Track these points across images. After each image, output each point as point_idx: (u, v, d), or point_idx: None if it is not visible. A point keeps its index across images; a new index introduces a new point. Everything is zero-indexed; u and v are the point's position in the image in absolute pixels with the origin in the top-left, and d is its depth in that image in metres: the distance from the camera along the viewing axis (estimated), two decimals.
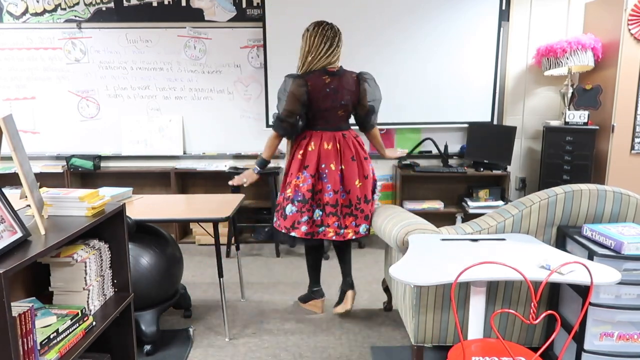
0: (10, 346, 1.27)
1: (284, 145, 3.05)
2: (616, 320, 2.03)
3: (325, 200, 2.78)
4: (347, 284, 2.99)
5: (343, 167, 2.79)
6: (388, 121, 4.43)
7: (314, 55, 2.72)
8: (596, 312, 2.02)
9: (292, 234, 2.81)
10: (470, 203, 4.27)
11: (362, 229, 2.82)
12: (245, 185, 2.89)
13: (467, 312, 2.29)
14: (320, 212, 2.81)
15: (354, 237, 2.84)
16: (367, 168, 2.86)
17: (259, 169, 2.87)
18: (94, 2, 4.33)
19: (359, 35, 4.28)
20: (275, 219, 2.94)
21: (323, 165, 2.78)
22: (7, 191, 4.14)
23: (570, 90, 4.12)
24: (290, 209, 2.80)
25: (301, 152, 2.80)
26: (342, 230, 2.81)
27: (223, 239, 4.28)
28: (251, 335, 2.81)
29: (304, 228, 2.77)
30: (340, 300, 3.00)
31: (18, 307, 1.40)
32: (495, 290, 2.31)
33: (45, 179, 4.45)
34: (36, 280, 1.86)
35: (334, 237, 2.81)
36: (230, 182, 2.96)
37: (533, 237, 2.21)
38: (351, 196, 2.81)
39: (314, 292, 3.07)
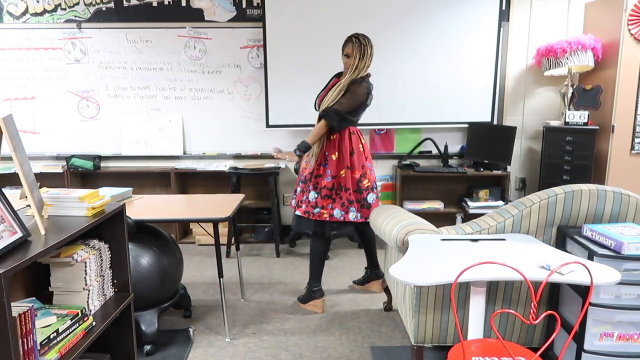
0: (10, 346, 1.27)
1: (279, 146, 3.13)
2: (616, 321, 2.03)
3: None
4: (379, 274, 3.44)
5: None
6: (388, 121, 4.43)
7: (368, 63, 3.00)
8: (596, 312, 2.02)
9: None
10: (470, 203, 4.27)
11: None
12: (284, 161, 3.32)
13: (467, 312, 2.29)
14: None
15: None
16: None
17: (300, 152, 2.99)
18: (94, 2, 4.33)
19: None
20: (343, 213, 3.05)
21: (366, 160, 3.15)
22: (7, 191, 4.14)
23: (570, 91, 4.12)
24: (371, 197, 3.10)
25: (360, 145, 3.09)
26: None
27: (223, 239, 4.28)
28: (251, 335, 2.81)
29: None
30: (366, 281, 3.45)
31: (18, 307, 1.40)
32: (495, 291, 2.31)
33: (45, 179, 4.45)
34: (36, 281, 1.86)
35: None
36: (272, 153, 3.40)
37: (533, 237, 2.21)
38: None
39: (314, 291, 3.08)
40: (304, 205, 3.06)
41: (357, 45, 2.93)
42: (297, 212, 3.10)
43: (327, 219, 3.04)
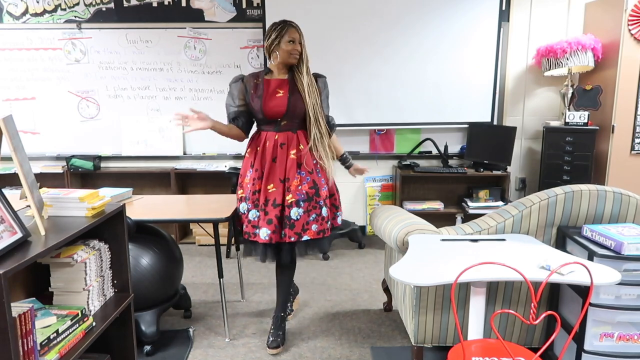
0: (10, 347, 1.27)
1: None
2: (616, 321, 2.03)
3: None
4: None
5: None
6: (388, 121, 4.43)
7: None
8: (596, 312, 2.02)
9: None
10: (470, 203, 4.27)
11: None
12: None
13: (467, 313, 2.29)
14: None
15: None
16: None
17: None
18: (94, 3, 4.33)
19: (359, 36, 4.28)
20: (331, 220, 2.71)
21: None
22: (7, 191, 4.16)
23: (570, 91, 4.12)
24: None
25: None
26: None
27: (223, 240, 4.28)
28: (251, 335, 2.81)
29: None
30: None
31: (18, 307, 1.40)
32: (495, 291, 2.31)
33: (45, 180, 4.45)
34: (36, 281, 1.86)
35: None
36: (361, 168, 2.83)
37: (533, 238, 2.21)
38: None
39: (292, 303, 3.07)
40: (317, 224, 2.56)
41: (300, 32, 2.54)
42: (306, 237, 2.53)
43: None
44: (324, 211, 2.58)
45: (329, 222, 2.64)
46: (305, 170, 2.55)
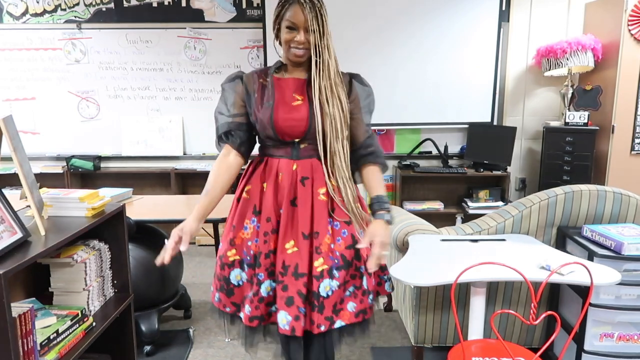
0: (10, 347, 1.27)
1: None
2: (616, 321, 2.03)
3: None
4: None
5: None
6: (388, 121, 4.43)
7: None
8: (596, 312, 2.02)
9: None
10: (470, 204, 4.27)
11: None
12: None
13: (467, 313, 2.29)
14: None
15: None
16: None
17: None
18: (94, 3, 4.33)
19: (359, 35, 4.28)
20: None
21: None
22: (7, 192, 4.14)
23: (570, 91, 4.12)
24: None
25: None
26: None
27: None
28: None
29: None
30: None
31: (18, 307, 1.40)
32: (495, 291, 2.31)
33: (45, 180, 4.45)
34: (36, 281, 1.86)
35: None
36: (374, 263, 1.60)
37: (533, 238, 2.21)
38: None
39: None
40: (355, 301, 1.66)
41: (316, 11, 1.59)
42: (340, 323, 1.63)
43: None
44: (365, 282, 1.67)
45: (371, 296, 1.71)
46: (339, 220, 1.66)
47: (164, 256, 1.59)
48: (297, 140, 1.67)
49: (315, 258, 1.62)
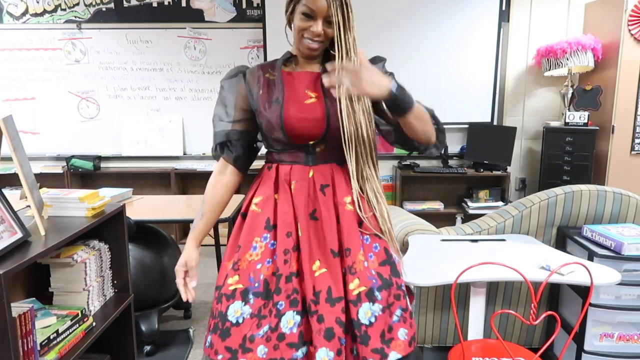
0: (10, 347, 1.27)
1: None
2: (616, 321, 2.03)
3: None
4: None
5: None
6: None
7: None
8: (596, 312, 2.01)
9: None
10: (470, 204, 4.27)
11: None
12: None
13: (467, 313, 2.29)
14: None
15: None
16: None
17: (399, 95, 1.40)
18: (94, 3, 4.33)
19: (358, 35, 4.27)
20: None
21: None
22: (7, 192, 4.14)
23: (570, 91, 4.12)
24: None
25: None
26: None
27: (223, 240, 4.27)
28: None
29: None
30: None
31: (18, 307, 1.40)
32: (495, 291, 2.31)
33: (45, 180, 4.45)
34: (36, 281, 1.86)
35: None
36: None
37: (533, 238, 2.21)
38: None
39: None
40: (405, 326, 1.35)
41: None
42: (395, 355, 1.29)
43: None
44: (409, 302, 1.42)
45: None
46: (368, 233, 1.40)
47: (186, 295, 1.50)
48: (311, 143, 1.41)
49: (349, 280, 1.31)
